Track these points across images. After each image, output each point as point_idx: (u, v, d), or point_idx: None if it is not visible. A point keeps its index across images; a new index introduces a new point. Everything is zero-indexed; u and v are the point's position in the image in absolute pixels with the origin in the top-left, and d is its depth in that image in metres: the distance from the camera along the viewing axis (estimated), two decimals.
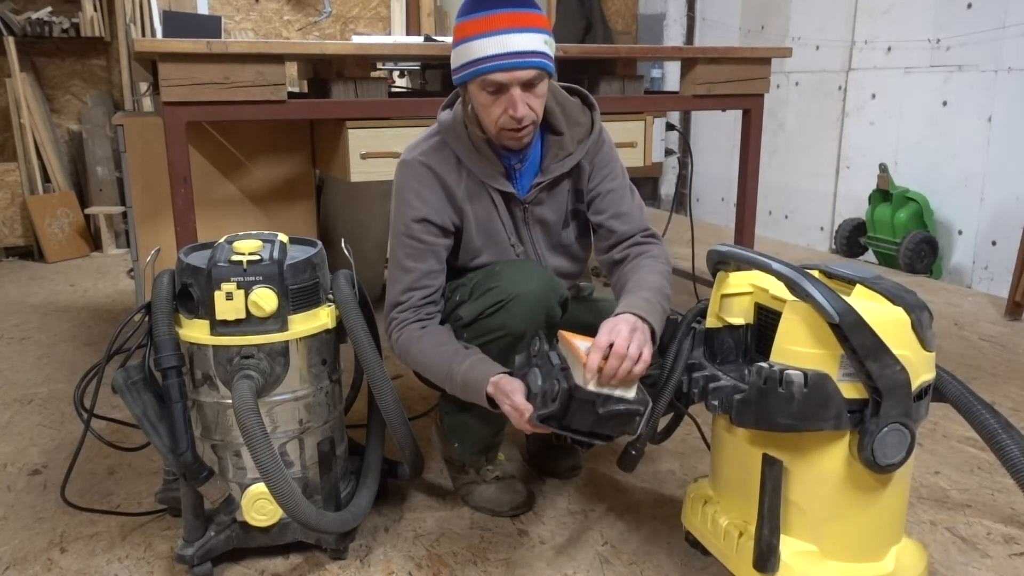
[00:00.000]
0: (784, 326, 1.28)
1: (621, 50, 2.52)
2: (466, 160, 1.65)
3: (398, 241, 1.67)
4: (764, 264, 1.34)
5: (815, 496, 1.32)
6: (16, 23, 4.39)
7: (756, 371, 1.27)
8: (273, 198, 2.94)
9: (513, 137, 1.59)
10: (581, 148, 1.70)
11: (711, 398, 1.36)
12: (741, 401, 1.29)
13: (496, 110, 1.55)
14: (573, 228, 1.78)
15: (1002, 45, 3.66)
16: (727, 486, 1.48)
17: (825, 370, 1.25)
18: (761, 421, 1.28)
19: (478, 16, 1.52)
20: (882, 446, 1.25)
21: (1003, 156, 3.70)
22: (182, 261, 1.54)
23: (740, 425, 1.31)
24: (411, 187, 1.66)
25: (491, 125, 1.59)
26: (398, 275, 1.67)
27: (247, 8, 5.05)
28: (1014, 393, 2.49)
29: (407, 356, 1.65)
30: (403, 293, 1.65)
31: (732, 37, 5.33)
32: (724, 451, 1.48)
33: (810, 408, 1.25)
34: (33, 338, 3.11)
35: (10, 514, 1.84)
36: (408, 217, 1.65)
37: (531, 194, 1.69)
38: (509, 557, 1.66)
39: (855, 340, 1.21)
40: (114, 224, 4.69)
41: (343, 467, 1.72)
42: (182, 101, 2.03)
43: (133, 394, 1.50)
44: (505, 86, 1.52)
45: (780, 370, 1.25)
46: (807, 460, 1.31)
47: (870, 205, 4.23)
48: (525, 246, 1.73)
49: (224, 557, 1.61)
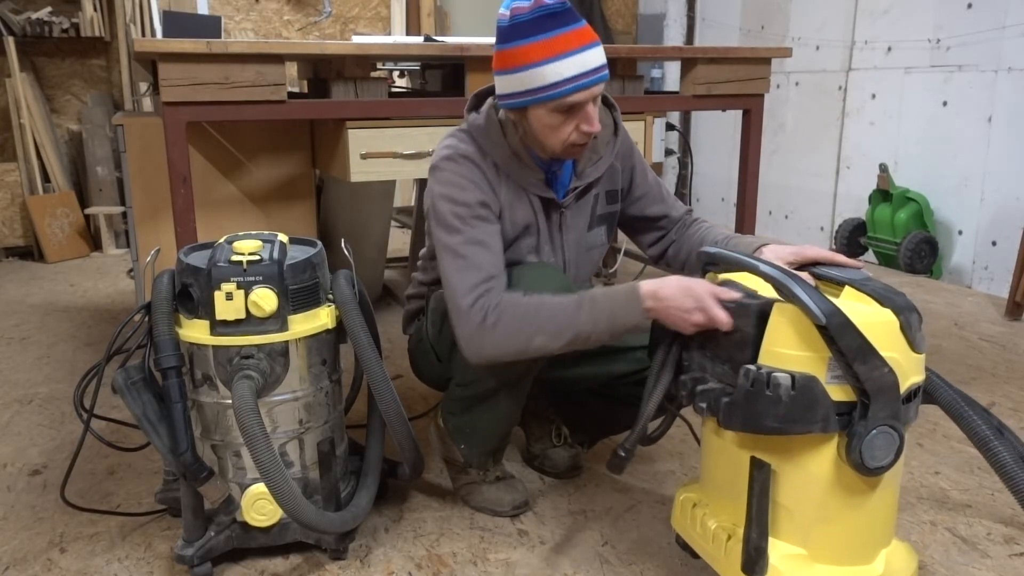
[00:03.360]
0: (771, 328, 1.27)
1: (621, 50, 2.52)
2: (504, 166, 1.62)
3: (465, 223, 1.54)
4: (751, 266, 1.34)
5: (804, 499, 1.32)
6: (16, 23, 4.39)
7: (743, 373, 1.27)
8: (273, 198, 2.93)
9: (580, 151, 1.59)
10: (609, 149, 1.72)
11: (699, 400, 1.34)
12: (728, 404, 1.29)
13: (567, 128, 1.53)
14: (603, 230, 1.79)
15: (1002, 45, 3.66)
16: (716, 488, 1.46)
17: (813, 372, 1.24)
18: (748, 424, 1.28)
19: (545, 38, 1.47)
20: (870, 449, 1.24)
21: (1003, 156, 3.70)
22: (182, 261, 1.54)
23: (727, 428, 1.30)
24: (464, 174, 1.58)
25: (557, 144, 1.55)
26: (479, 253, 1.53)
27: (247, 8, 5.05)
28: (1014, 393, 2.49)
29: (515, 312, 1.47)
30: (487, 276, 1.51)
31: (732, 37, 5.33)
32: (713, 453, 1.46)
33: (798, 411, 1.24)
34: (33, 338, 3.11)
35: (10, 514, 1.84)
36: (472, 200, 1.56)
37: (567, 199, 1.69)
38: (509, 557, 1.66)
39: (842, 342, 1.20)
40: (114, 224, 4.69)
41: (343, 467, 1.72)
42: (182, 101, 2.03)
43: (133, 394, 1.50)
44: (582, 104, 1.51)
45: (767, 372, 1.25)
46: (795, 463, 1.31)
47: (870, 205, 4.23)
48: (556, 249, 1.72)
49: (224, 557, 1.61)
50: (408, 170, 2.38)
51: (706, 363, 1.38)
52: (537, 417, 2.01)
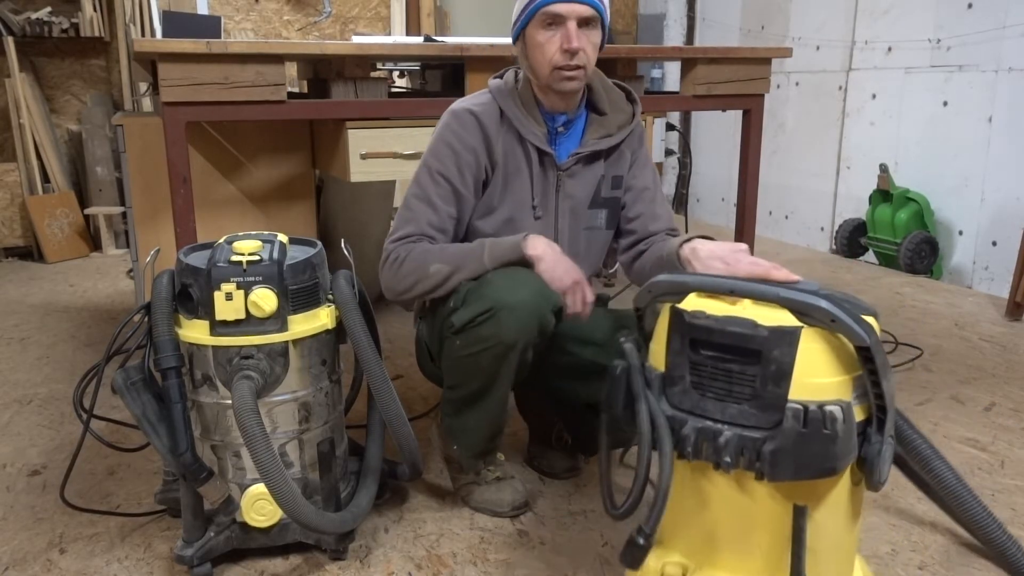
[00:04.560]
0: (804, 357, 1.12)
1: (621, 50, 2.52)
2: (510, 115, 1.70)
3: (429, 178, 1.69)
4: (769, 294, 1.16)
5: (826, 535, 1.19)
6: (16, 23, 4.39)
7: (792, 414, 1.10)
8: (273, 198, 2.93)
9: (565, 77, 1.63)
10: (621, 133, 1.77)
11: (723, 455, 1.14)
12: (775, 452, 1.11)
13: (551, 47, 1.61)
14: (604, 214, 1.80)
15: (1002, 45, 3.66)
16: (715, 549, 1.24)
17: (846, 398, 1.13)
18: (803, 470, 1.11)
19: None
20: (882, 463, 1.15)
21: (1003, 156, 3.70)
22: (182, 261, 1.54)
23: (775, 479, 1.13)
24: (454, 130, 1.70)
25: (545, 65, 1.63)
26: (421, 208, 1.68)
27: (247, 8, 5.05)
28: (1014, 393, 2.49)
29: (418, 258, 1.64)
30: (427, 226, 1.67)
31: (732, 37, 5.33)
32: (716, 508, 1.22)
33: (847, 444, 1.11)
34: (33, 338, 3.11)
35: (10, 515, 1.84)
36: (446, 157, 1.69)
37: (567, 162, 1.73)
38: (509, 557, 1.66)
39: (879, 359, 1.10)
40: (114, 224, 4.69)
41: (343, 467, 1.72)
42: (182, 101, 2.03)
43: (133, 394, 1.50)
44: (563, 18, 1.59)
45: (820, 408, 1.10)
46: (820, 500, 1.18)
47: (870, 205, 4.23)
48: (548, 213, 1.75)
49: (224, 558, 1.61)
50: (408, 170, 2.38)
51: (707, 406, 1.18)
52: (539, 417, 2.01)
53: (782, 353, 1.12)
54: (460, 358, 1.63)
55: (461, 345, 1.61)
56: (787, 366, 1.12)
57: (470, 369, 1.64)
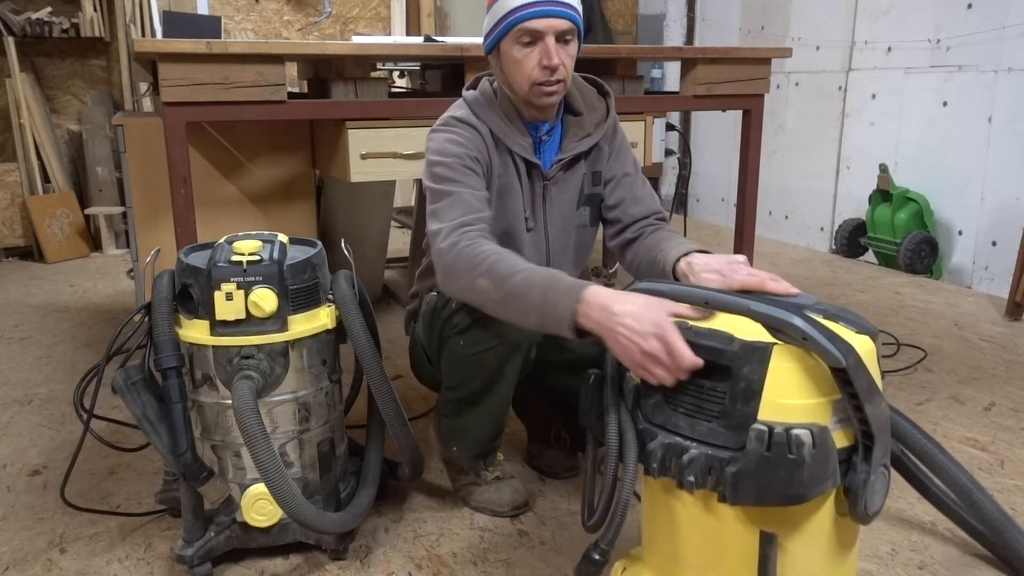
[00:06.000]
0: (774, 376, 1.06)
1: (621, 50, 2.52)
2: (496, 129, 1.66)
3: (454, 171, 1.57)
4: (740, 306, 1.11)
5: (805, 565, 1.13)
6: (16, 23, 4.39)
7: (756, 436, 1.04)
8: (273, 198, 2.94)
9: (545, 92, 1.59)
10: (599, 130, 1.75)
11: (686, 473, 1.09)
12: (737, 475, 1.05)
13: (530, 63, 1.56)
14: (587, 211, 1.79)
15: (1002, 45, 3.66)
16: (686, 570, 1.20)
17: (822, 422, 1.06)
18: (765, 496, 1.04)
19: None
20: (872, 493, 1.08)
21: (1003, 156, 3.70)
22: (182, 261, 1.54)
23: (737, 503, 1.07)
24: (457, 134, 1.62)
25: (523, 81, 1.58)
26: (464, 194, 1.54)
27: (247, 8, 5.05)
28: (1014, 393, 2.49)
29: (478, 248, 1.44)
30: (471, 214, 1.51)
31: (732, 37, 5.33)
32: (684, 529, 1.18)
33: (817, 471, 1.03)
34: (33, 338, 3.11)
35: (10, 514, 1.84)
36: (463, 152, 1.60)
37: (552, 170, 1.71)
38: (509, 557, 1.66)
39: (858, 383, 1.03)
40: (114, 224, 4.69)
41: (343, 467, 1.72)
42: (182, 101, 2.03)
43: (133, 394, 1.50)
44: (540, 34, 1.54)
45: (785, 431, 1.03)
46: (796, 527, 1.10)
47: (870, 205, 4.23)
48: (538, 223, 1.73)
49: (224, 557, 1.61)
50: (408, 170, 2.38)
51: (679, 421, 1.13)
52: (539, 417, 2.01)
53: (751, 370, 1.06)
54: (463, 358, 1.63)
55: (465, 345, 1.61)
56: (756, 384, 1.06)
57: (473, 369, 1.63)
